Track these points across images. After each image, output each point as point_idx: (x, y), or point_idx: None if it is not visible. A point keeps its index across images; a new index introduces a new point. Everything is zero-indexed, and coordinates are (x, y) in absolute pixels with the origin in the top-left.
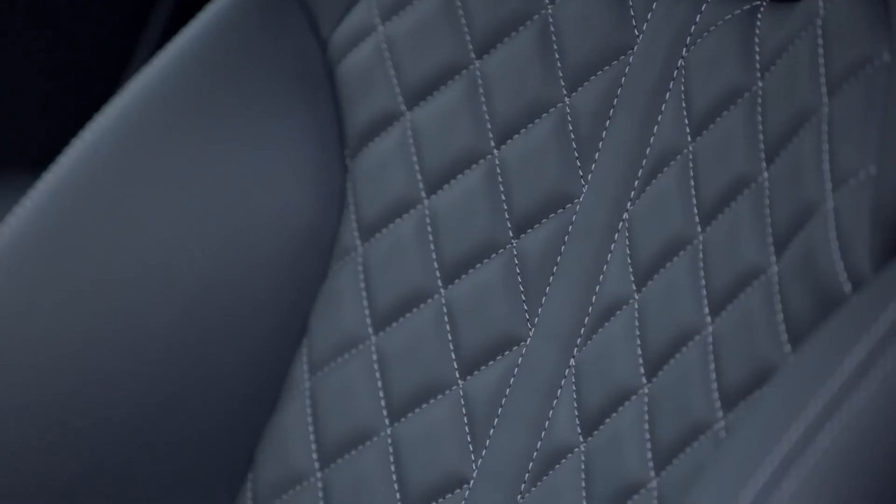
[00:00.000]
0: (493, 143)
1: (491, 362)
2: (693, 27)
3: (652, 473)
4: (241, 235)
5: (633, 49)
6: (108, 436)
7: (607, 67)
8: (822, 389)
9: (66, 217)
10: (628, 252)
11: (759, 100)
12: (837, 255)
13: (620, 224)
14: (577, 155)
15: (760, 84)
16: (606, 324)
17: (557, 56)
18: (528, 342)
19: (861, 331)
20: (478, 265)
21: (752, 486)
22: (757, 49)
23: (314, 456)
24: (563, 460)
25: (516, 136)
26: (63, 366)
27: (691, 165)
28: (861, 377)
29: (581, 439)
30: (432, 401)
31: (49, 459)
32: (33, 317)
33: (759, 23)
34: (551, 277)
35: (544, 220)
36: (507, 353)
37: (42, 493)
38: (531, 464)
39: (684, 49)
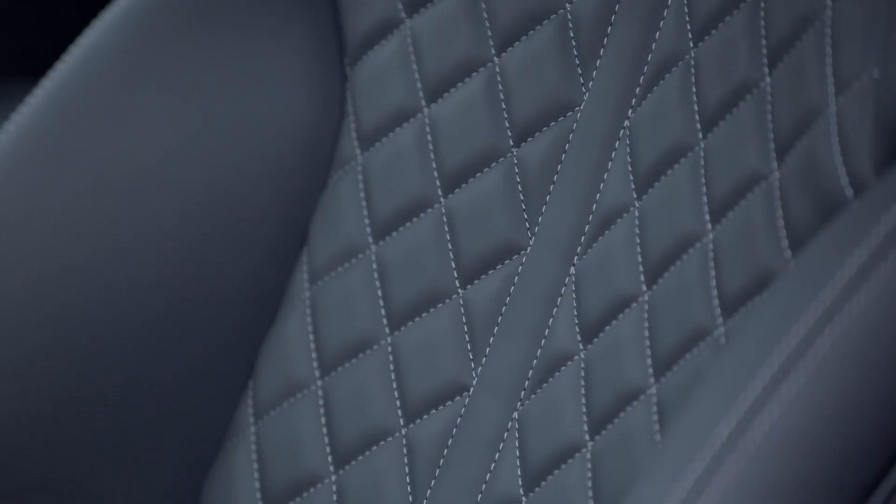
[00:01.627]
0: (493, 51)
1: (491, 271)
2: None
3: (651, 380)
4: (240, 143)
5: None
6: (108, 345)
7: None
8: (822, 293)
9: (64, 123)
10: (629, 160)
11: (763, 4)
12: (839, 160)
13: (621, 132)
14: (577, 62)
15: None
16: (607, 232)
17: None
18: (528, 251)
19: (862, 234)
20: (478, 174)
21: (752, 390)
22: None
23: (314, 364)
24: (563, 368)
25: (517, 43)
26: (63, 274)
27: (693, 72)
28: (862, 280)
29: (581, 347)
30: (432, 310)
31: (49, 368)
32: (33, 223)
33: None
34: (551, 186)
35: (545, 129)
36: (506, 261)
37: (44, 401)
38: (531, 372)
39: None
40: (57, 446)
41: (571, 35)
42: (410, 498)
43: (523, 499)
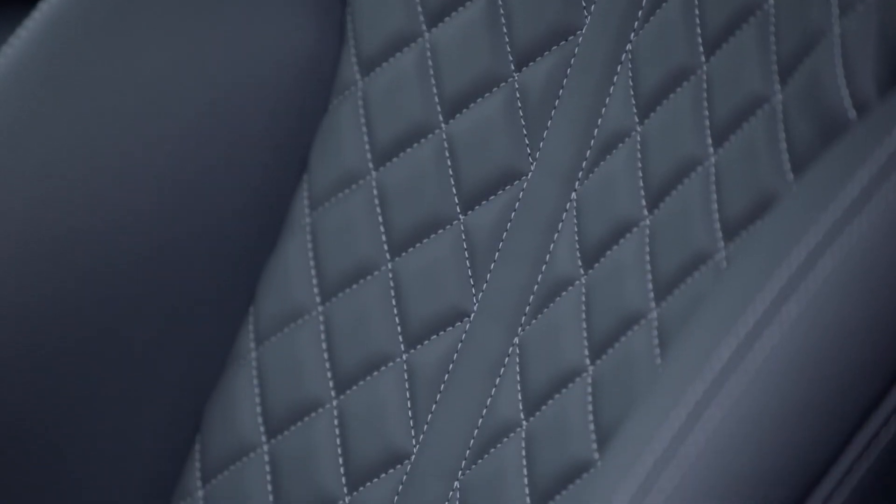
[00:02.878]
0: None
1: (492, 197)
2: None
3: (652, 304)
4: (239, 69)
5: None
6: (107, 271)
7: None
8: (823, 215)
9: (62, 47)
10: (631, 84)
11: None
12: (843, 82)
13: (623, 55)
14: None
15: None
16: (608, 157)
17: None
18: (528, 176)
19: (864, 155)
20: (479, 99)
21: (752, 313)
22: None
23: (315, 291)
24: (564, 293)
25: None
26: (60, 199)
27: None
28: (864, 202)
29: (581, 272)
30: (433, 236)
31: (48, 294)
32: (32, 148)
33: None
34: (553, 111)
35: (546, 53)
36: (507, 187)
37: (43, 328)
38: (531, 297)
39: None
40: (56, 373)
41: None
42: (411, 423)
43: (524, 423)
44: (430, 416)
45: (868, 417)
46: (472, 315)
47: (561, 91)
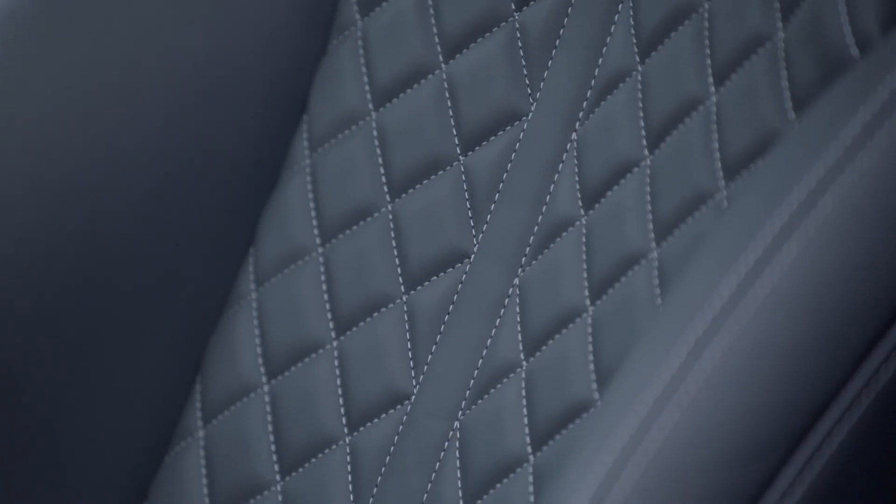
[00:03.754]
0: None
1: (492, 138)
2: None
3: (653, 244)
4: (238, 9)
5: None
6: (108, 211)
7: None
8: (825, 153)
9: None
10: (632, 23)
11: None
12: (845, 18)
13: None
14: None
15: None
16: (609, 97)
17: None
18: (529, 117)
19: (867, 93)
20: (479, 39)
21: (753, 251)
22: None
23: (315, 232)
24: (564, 234)
25: None
26: (61, 141)
27: None
28: (866, 139)
29: (582, 213)
30: (433, 177)
31: (50, 235)
32: (30, 92)
33: None
34: (553, 51)
35: None
36: (508, 128)
37: (45, 269)
38: (532, 238)
39: None
40: (56, 316)
41: None
42: (411, 363)
43: (524, 363)
44: (430, 356)
45: (868, 355)
46: (473, 256)
47: (562, 31)
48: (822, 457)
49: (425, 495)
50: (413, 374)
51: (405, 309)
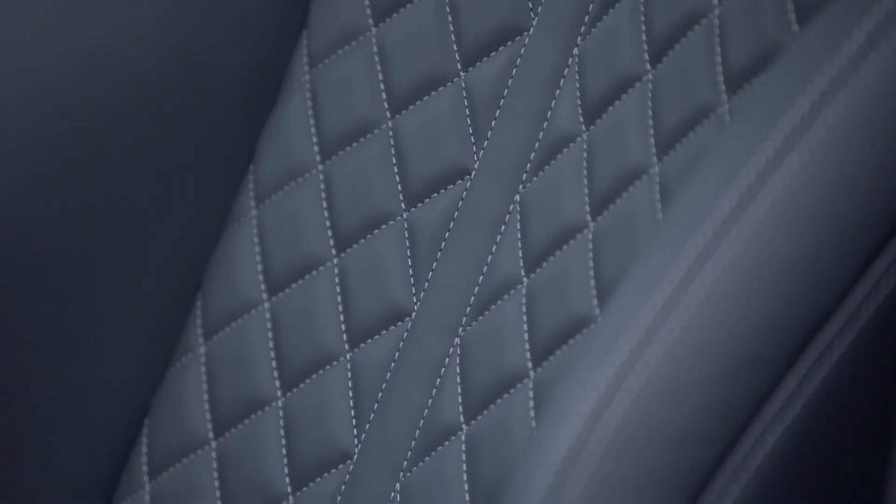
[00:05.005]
0: None
1: (493, 53)
2: None
3: (654, 159)
4: None
5: None
6: (108, 128)
7: None
8: (828, 65)
9: None
10: None
11: None
12: None
13: None
14: None
15: None
16: (611, 10)
17: None
18: (531, 32)
19: (870, 4)
20: None
21: (755, 164)
22: None
23: (315, 149)
24: (565, 150)
25: None
26: (61, 56)
27: None
28: (870, 50)
29: (583, 128)
30: (433, 93)
31: (50, 149)
32: (30, 7)
33: None
34: None
35: None
36: (509, 43)
37: (45, 185)
38: (532, 154)
39: None
40: (58, 230)
41: None
42: (412, 280)
43: (524, 279)
44: (430, 273)
45: (869, 268)
46: (473, 173)
47: None
48: (821, 369)
49: (426, 411)
50: (413, 291)
51: (406, 226)
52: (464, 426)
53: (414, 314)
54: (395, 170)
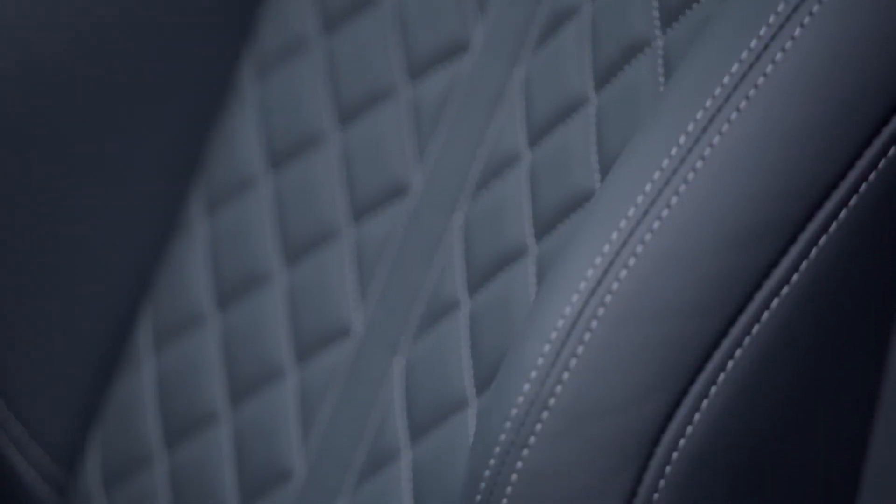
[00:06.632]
0: None
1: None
2: None
3: (658, 31)
4: None
5: None
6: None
7: None
8: None
9: None
10: None
11: None
12: None
13: None
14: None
15: None
16: None
17: None
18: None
19: None
20: None
21: (757, 33)
22: None
23: (318, 22)
24: (568, 22)
25: None
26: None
27: None
28: None
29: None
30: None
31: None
32: None
33: None
34: None
35: None
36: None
37: (43, 46)
38: (532, 27)
39: None
40: (57, 91)
41: None
42: (417, 151)
43: (528, 153)
44: (430, 146)
45: (871, 142)
46: (476, 48)
47: None
48: (825, 240)
49: (428, 283)
50: (420, 164)
51: (408, 101)
52: (467, 300)
53: (414, 191)
54: (399, 43)
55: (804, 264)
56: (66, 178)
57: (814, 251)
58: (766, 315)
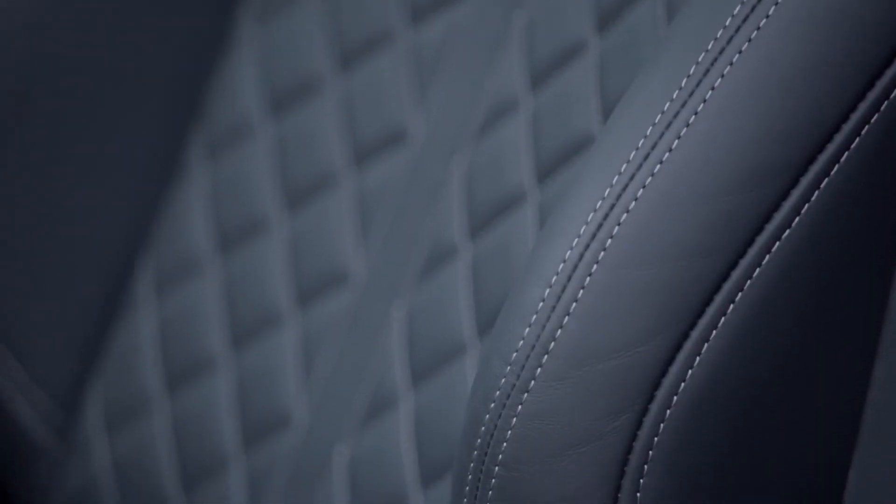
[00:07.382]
0: None
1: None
2: None
3: None
4: None
5: None
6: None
7: None
8: None
9: None
10: None
11: None
12: None
13: None
14: None
15: None
16: None
17: None
18: None
19: None
20: None
21: None
22: None
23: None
24: None
25: None
26: None
27: None
28: None
29: None
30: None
31: None
32: None
33: None
34: None
35: None
36: None
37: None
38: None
39: None
40: (59, 41)
41: None
42: (418, 96)
43: (529, 98)
44: (431, 89)
45: (875, 82)
46: None
47: None
48: (827, 183)
49: (429, 229)
50: (421, 109)
51: (410, 47)
52: (468, 246)
53: (415, 135)
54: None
55: (806, 207)
56: (66, 123)
57: (815, 194)
58: (767, 258)
